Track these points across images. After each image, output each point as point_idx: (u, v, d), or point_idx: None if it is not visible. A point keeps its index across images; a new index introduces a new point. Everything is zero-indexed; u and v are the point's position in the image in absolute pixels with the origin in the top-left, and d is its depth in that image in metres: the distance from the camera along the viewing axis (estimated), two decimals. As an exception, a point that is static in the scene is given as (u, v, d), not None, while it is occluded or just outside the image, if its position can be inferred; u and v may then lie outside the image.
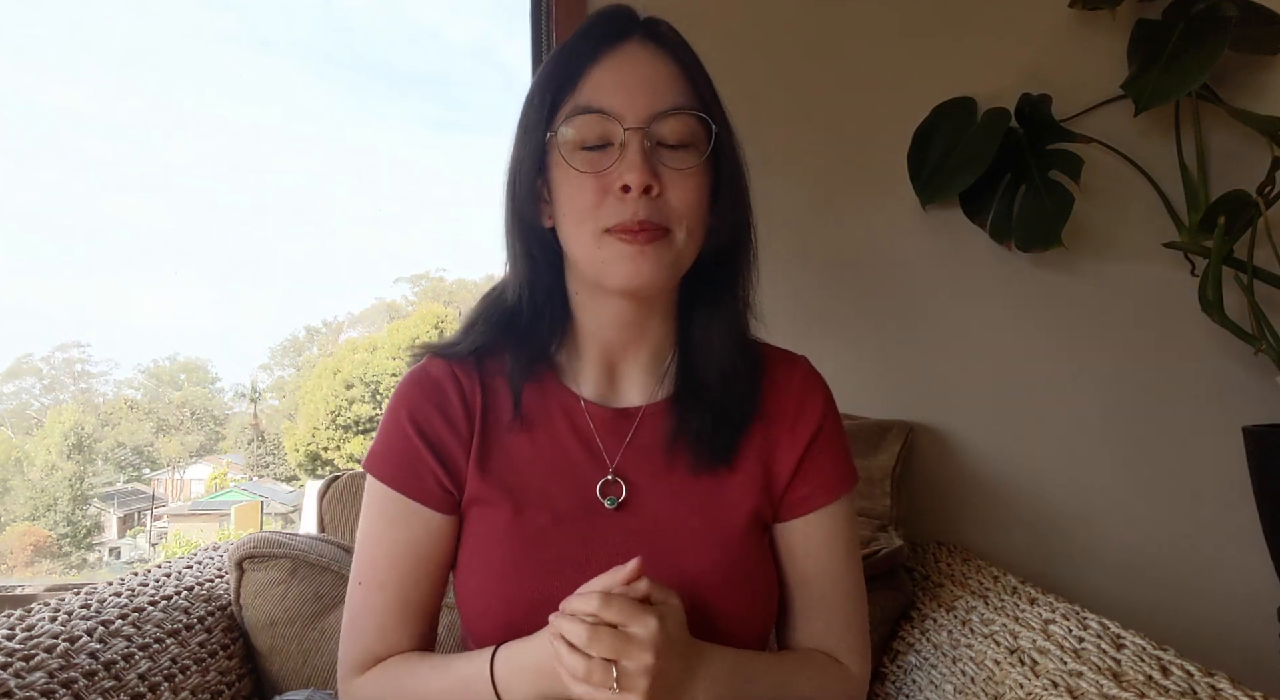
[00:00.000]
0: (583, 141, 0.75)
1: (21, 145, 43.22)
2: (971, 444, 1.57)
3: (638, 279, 0.75)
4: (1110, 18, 1.54)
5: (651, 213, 0.74)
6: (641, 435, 0.83)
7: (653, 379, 0.85)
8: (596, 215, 0.75)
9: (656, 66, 0.77)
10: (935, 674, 0.96)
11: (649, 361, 0.85)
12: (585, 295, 0.82)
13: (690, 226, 0.76)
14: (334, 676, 1.09)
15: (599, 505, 0.80)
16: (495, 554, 0.79)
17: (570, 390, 0.84)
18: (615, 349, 0.84)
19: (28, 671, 0.76)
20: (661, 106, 0.75)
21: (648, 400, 0.84)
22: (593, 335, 0.83)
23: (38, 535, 20.38)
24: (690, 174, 0.76)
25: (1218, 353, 1.57)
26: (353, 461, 19.87)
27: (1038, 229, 1.48)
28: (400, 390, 0.84)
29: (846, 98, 1.59)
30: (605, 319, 0.82)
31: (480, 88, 53.56)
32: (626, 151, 0.74)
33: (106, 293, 42.11)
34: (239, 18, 47.27)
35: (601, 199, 0.75)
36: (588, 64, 0.76)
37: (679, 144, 0.76)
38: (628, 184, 0.73)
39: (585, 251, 0.76)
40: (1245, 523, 1.52)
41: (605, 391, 0.85)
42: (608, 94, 0.75)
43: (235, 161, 45.50)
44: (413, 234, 50.46)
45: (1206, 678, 0.71)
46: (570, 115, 0.75)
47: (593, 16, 0.80)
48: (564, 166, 0.76)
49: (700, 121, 0.77)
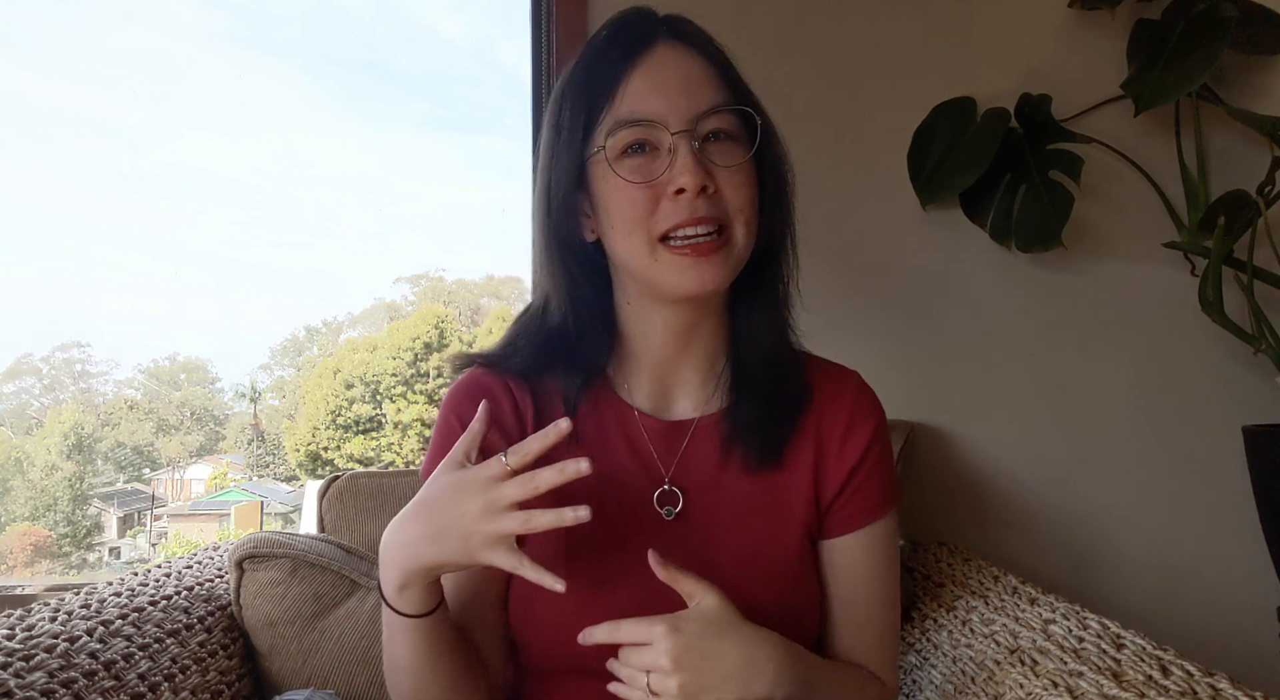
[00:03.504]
0: (629, 153, 0.75)
1: (21, 145, 43.27)
2: (972, 444, 1.57)
3: (700, 286, 0.74)
4: (1110, 18, 1.54)
5: (710, 209, 0.74)
6: (695, 447, 0.82)
7: (705, 389, 0.84)
8: (651, 223, 0.74)
9: (690, 66, 0.76)
10: (935, 674, 0.96)
11: (702, 371, 0.84)
12: (637, 305, 0.81)
13: (747, 222, 0.76)
14: (334, 676, 1.09)
15: (655, 516, 0.80)
16: (543, 562, 0.77)
17: (624, 402, 0.83)
18: (667, 359, 0.83)
19: (28, 671, 0.76)
20: (703, 106, 0.75)
21: (701, 412, 0.83)
22: (644, 346, 0.82)
23: (38, 535, 20.38)
24: (740, 169, 0.76)
25: (1218, 353, 1.57)
26: (353, 461, 19.87)
27: (1038, 229, 1.48)
28: (451, 398, 0.83)
29: (846, 98, 1.59)
30: (657, 327, 0.81)
31: (480, 87, 53.58)
32: (676, 156, 0.73)
33: (106, 293, 42.15)
34: (239, 18, 47.30)
35: (654, 206, 0.74)
36: (621, 74, 0.75)
37: (724, 139, 0.76)
38: (682, 187, 0.73)
39: (640, 262, 0.75)
40: (1245, 523, 1.52)
41: (658, 403, 0.84)
42: (648, 101, 0.74)
43: (235, 161, 45.53)
44: (413, 234, 50.49)
45: (1206, 678, 0.71)
46: (613, 129, 0.74)
47: (612, 22, 0.79)
48: (611, 179, 0.75)
49: (742, 116, 0.77)
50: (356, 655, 1.09)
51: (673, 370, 0.83)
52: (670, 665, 0.68)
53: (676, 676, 0.68)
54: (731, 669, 0.69)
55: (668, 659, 0.68)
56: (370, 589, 1.13)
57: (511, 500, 0.67)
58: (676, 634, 0.68)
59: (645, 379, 0.83)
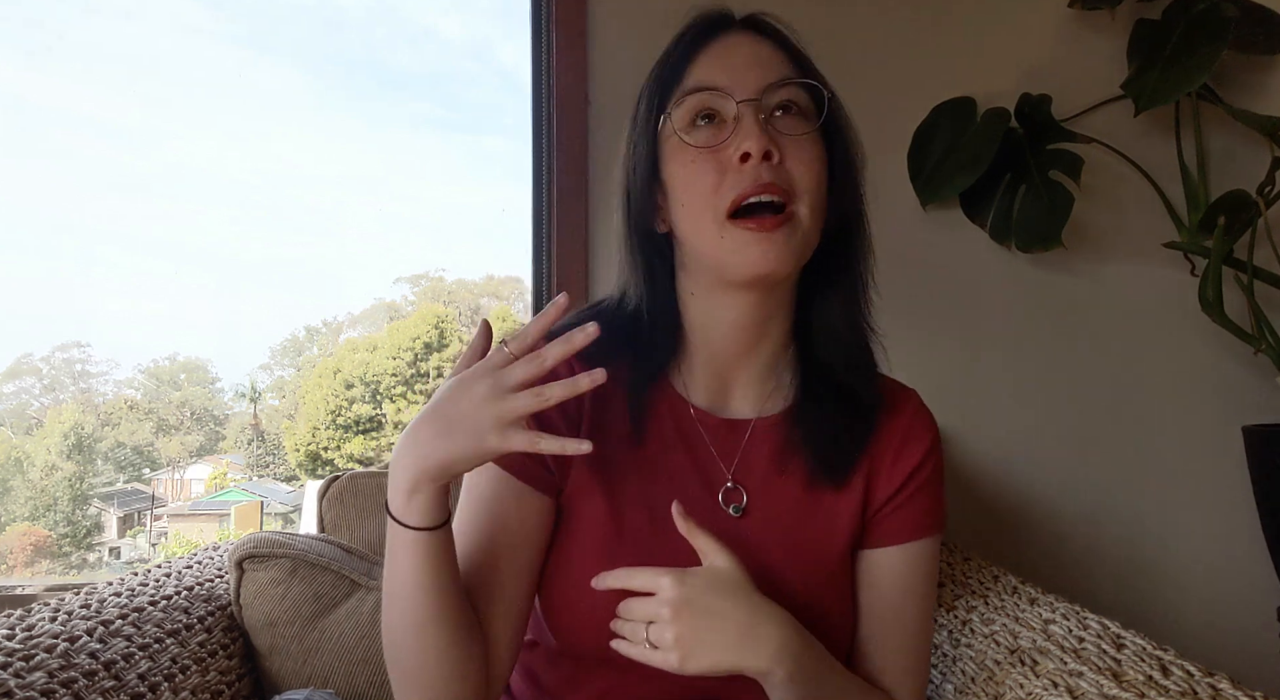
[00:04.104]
0: (696, 120, 0.75)
1: (21, 145, 43.29)
2: (971, 444, 1.57)
3: (765, 264, 0.73)
4: (1110, 18, 1.54)
5: (775, 177, 0.73)
6: (753, 447, 0.81)
7: (764, 391, 0.83)
8: (717, 197, 0.73)
9: (760, 47, 0.77)
10: (935, 674, 0.96)
11: (762, 372, 0.83)
12: (703, 295, 0.79)
13: (813, 202, 0.75)
14: (334, 676, 1.09)
15: (720, 513, 0.79)
16: (591, 548, 0.77)
17: (681, 397, 0.82)
18: (729, 357, 0.81)
19: (28, 671, 0.76)
20: (771, 78, 0.75)
21: (759, 413, 0.82)
22: (705, 342, 0.81)
23: (38, 535, 20.37)
24: (807, 141, 0.76)
25: (1218, 353, 1.57)
26: (353, 461, 19.85)
27: (1038, 229, 1.48)
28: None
29: (846, 98, 1.57)
30: (723, 320, 0.79)
31: (479, 87, 53.61)
32: (742, 122, 0.73)
33: (106, 293, 42.11)
34: (239, 18, 47.32)
35: (721, 177, 0.73)
36: (692, 54, 0.77)
37: (792, 111, 0.76)
38: (747, 151, 0.72)
39: (708, 241, 0.74)
40: (1245, 523, 1.52)
41: (716, 400, 0.83)
42: (716, 73, 0.75)
43: (235, 161, 45.54)
44: (413, 234, 50.51)
45: (1206, 678, 0.71)
46: (680, 98, 0.75)
47: (690, 18, 0.80)
48: (680, 150, 0.75)
49: (811, 91, 0.77)
50: (356, 655, 1.09)
51: (733, 367, 0.82)
52: (670, 614, 0.67)
53: (674, 627, 0.67)
54: (733, 632, 0.68)
55: (669, 608, 0.67)
56: (371, 589, 1.13)
57: (519, 380, 0.64)
58: (681, 585, 0.68)
59: (704, 375, 0.82)
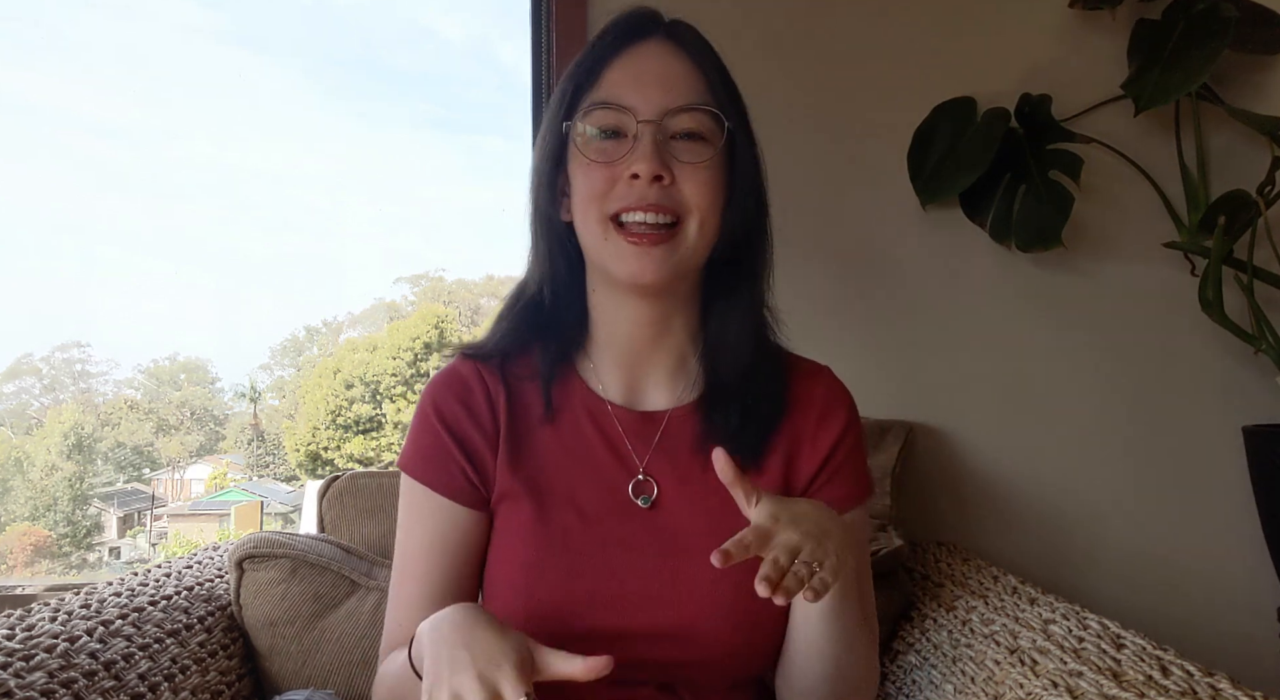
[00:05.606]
0: (598, 134, 0.78)
1: (21, 145, 43.27)
2: (971, 444, 1.57)
3: (643, 276, 0.76)
4: (1110, 18, 1.54)
5: (662, 199, 0.76)
6: (668, 438, 0.83)
7: (677, 382, 0.85)
8: (605, 202, 0.77)
9: (673, 64, 0.79)
10: (935, 674, 0.96)
11: (672, 364, 0.85)
12: (603, 293, 0.83)
13: (702, 219, 0.78)
14: (334, 676, 1.09)
15: (630, 505, 0.81)
16: (520, 551, 0.80)
17: (596, 394, 0.85)
18: (636, 351, 0.84)
19: (28, 671, 0.76)
20: (675, 103, 0.77)
21: (673, 404, 0.85)
22: (612, 337, 0.84)
23: (38, 535, 20.36)
24: (702, 167, 0.77)
25: (1218, 353, 1.57)
26: (353, 461, 19.85)
27: (1038, 229, 1.48)
28: (429, 390, 0.85)
29: (847, 97, 1.59)
30: (624, 318, 0.83)
31: (479, 87, 53.60)
32: (639, 143, 0.76)
33: (106, 293, 42.10)
34: (239, 18, 47.31)
35: (610, 187, 0.77)
36: (608, 59, 0.79)
37: (692, 138, 0.78)
38: (637, 172, 0.75)
39: (594, 241, 0.78)
40: (1245, 523, 1.52)
41: (629, 395, 0.85)
42: (623, 89, 0.78)
43: (234, 161, 45.52)
44: (412, 234, 50.52)
45: (1206, 678, 0.71)
46: (589, 110, 0.78)
47: (618, 17, 0.82)
48: (579, 157, 0.78)
49: (714, 117, 0.78)
50: (356, 655, 1.09)
51: (642, 361, 0.85)
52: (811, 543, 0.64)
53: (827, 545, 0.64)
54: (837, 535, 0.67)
55: (810, 540, 0.64)
56: (370, 589, 1.13)
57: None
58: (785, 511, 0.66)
59: (615, 370, 0.85)
